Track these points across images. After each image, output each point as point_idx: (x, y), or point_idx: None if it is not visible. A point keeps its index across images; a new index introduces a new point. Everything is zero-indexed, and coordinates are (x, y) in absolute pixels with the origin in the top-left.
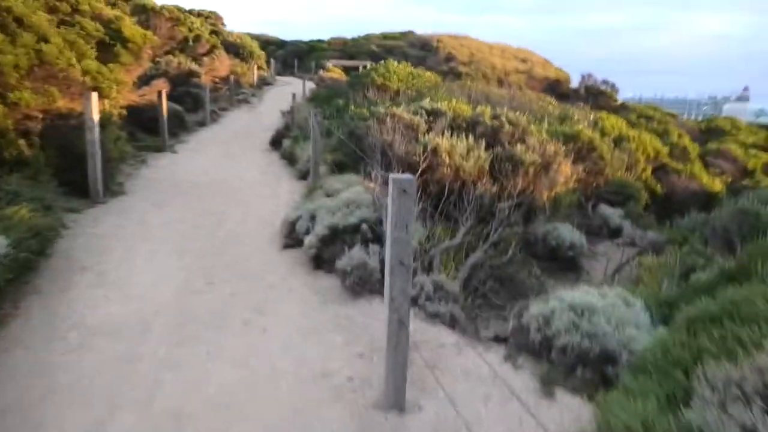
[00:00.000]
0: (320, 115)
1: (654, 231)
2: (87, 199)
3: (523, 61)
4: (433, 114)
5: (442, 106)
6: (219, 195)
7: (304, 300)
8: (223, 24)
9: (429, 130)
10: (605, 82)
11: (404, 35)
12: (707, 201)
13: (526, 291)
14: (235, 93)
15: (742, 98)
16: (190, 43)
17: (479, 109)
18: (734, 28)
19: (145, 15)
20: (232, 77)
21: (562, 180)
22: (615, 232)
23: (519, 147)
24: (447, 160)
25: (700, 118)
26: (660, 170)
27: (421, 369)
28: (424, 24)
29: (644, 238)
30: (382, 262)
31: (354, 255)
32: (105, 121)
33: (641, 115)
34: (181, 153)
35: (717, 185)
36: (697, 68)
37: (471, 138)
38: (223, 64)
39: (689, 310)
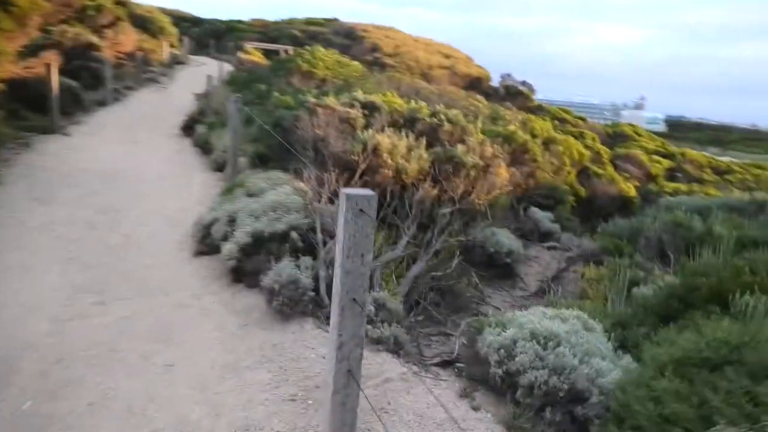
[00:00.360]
0: (240, 101)
1: (580, 235)
2: None
3: (447, 56)
4: (368, 107)
5: (377, 99)
6: (118, 188)
7: (221, 324)
8: None
9: (367, 125)
10: (524, 82)
11: (329, 22)
12: (623, 205)
13: (466, 303)
14: (142, 71)
15: (639, 106)
16: (91, 12)
17: (415, 104)
18: (630, 40)
19: None
20: (139, 54)
21: (499, 183)
22: (545, 236)
23: (460, 147)
24: (389, 160)
25: (601, 123)
26: (582, 174)
27: (367, 413)
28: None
29: (578, 245)
30: (315, 278)
31: (282, 269)
32: None
33: (555, 117)
34: (75, 136)
35: (632, 190)
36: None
37: (410, 136)
38: (129, 38)
39: (671, 349)
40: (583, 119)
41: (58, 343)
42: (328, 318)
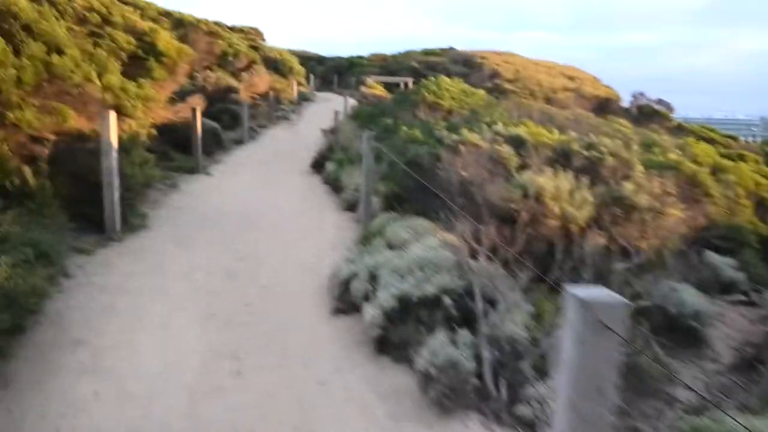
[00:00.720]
0: (373, 139)
1: None
2: (102, 236)
3: (571, 78)
4: (512, 142)
5: (522, 131)
6: (254, 229)
7: (367, 411)
8: (263, 40)
9: (522, 165)
10: (659, 100)
11: (445, 51)
12: None
13: (652, 383)
14: (274, 109)
15: None
16: (229, 58)
17: (564, 135)
18: None
19: (183, 29)
20: (271, 93)
21: (673, 226)
22: (727, 287)
23: (628, 186)
24: (555, 208)
25: (752, 140)
26: (760, 207)
27: None
28: (460, 41)
29: None
30: (476, 358)
31: (437, 347)
32: (130, 143)
33: (701, 137)
34: (215, 175)
35: None
36: (740, 88)
37: (569, 175)
38: (263, 79)
39: None
40: (734, 138)
41: (191, 426)
42: (495, 414)
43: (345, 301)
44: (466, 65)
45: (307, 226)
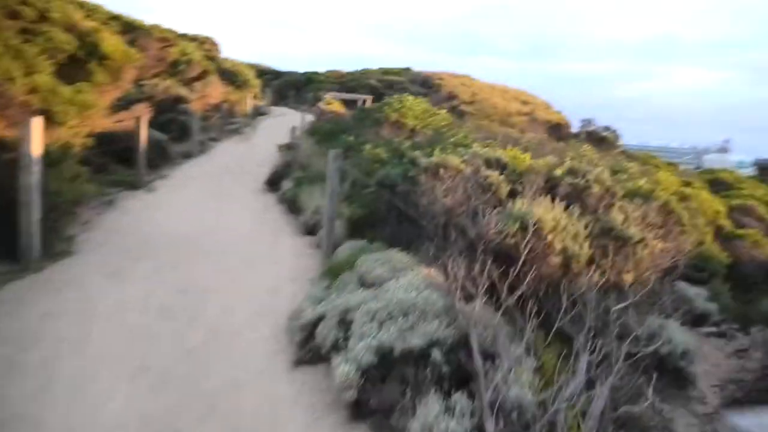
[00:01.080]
0: (340, 159)
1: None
2: (16, 265)
3: (525, 103)
4: (494, 165)
5: (503, 155)
6: (201, 257)
7: None
8: (218, 50)
9: (513, 192)
10: (606, 128)
11: (404, 71)
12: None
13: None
14: (227, 122)
15: (723, 149)
16: (181, 66)
17: (547, 160)
18: (707, 82)
19: (133, 33)
20: (225, 105)
21: (657, 257)
22: (699, 319)
23: (617, 215)
24: (557, 244)
25: (682, 168)
26: (718, 235)
27: None
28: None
29: (743, 329)
30: (479, 430)
31: (431, 418)
32: (60, 154)
33: (645, 163)
34: (160, 191)
35: None
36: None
37: (556, 203)
38: (216, 90)
39: None
40: (674, 165)
41: None
42: None
43: (309, 350)
44: (424, 86)
45: (262, 252)
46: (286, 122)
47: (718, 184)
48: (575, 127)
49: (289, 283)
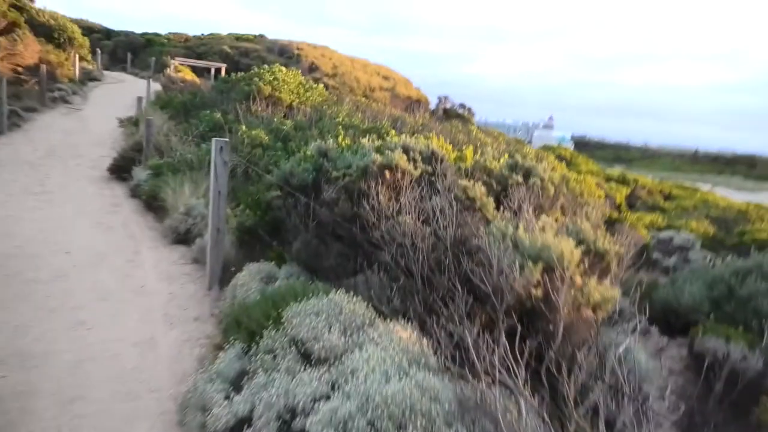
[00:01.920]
0: (228, 149)
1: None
2: None
3: (386, 78)
4: (430, 160)
5: (437, 147)
6: (19, 291)
7: None
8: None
9: (499, 205)
10: (462, 105)
11: (258, 38)
12: (639, 253)
13: None
14: (48, 88)
15: (548, 126)
16: None
17: (480, 153)
18: (535, 65)
19: None
20: (44, 68)
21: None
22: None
23: (582, 224)
24: (584, 288)
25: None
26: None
27: None
28: (267, 30)
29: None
30: None
31: None
32: None
33: (496, 139)
34: None
35: (644, 232)
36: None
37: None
38: (31, 48)
39: None
40: (520, 141)
41: None
42: None
43: None
44: (282, 55)
45: (115, 280)
46: (126, 90)
47: (560, 160)
48: (432, 104)
49: (169, 330)
